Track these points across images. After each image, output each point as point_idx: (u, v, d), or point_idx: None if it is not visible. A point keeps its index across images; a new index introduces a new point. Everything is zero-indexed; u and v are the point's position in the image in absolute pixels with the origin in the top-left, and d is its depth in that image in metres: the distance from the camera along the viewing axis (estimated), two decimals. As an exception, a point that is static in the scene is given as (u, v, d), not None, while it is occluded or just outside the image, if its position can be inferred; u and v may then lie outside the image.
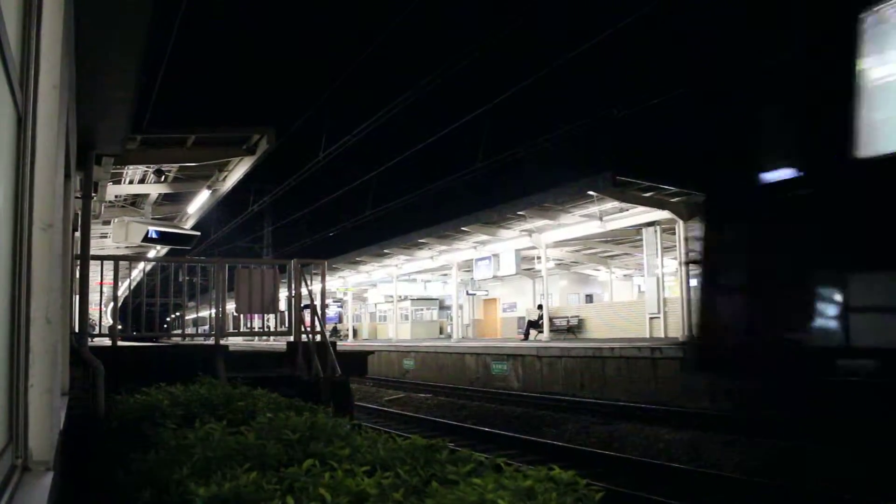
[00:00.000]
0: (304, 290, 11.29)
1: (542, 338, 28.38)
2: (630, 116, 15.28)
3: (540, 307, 30.19)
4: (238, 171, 14.19)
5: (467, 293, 45.54)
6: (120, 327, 11.43)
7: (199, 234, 19.90)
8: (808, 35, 6.43)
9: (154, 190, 15.80)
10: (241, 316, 13.39)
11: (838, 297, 5.81)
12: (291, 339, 10.94)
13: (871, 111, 5.60)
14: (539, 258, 29.88)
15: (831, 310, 5.88)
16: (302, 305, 11.33)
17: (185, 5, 9.75)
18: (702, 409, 14.50)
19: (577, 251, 35.58)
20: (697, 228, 9.57)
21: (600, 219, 24.48)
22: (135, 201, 17.45)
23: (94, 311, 22.29)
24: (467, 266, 35.91)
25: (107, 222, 17.10)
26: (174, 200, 17.75)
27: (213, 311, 11.41)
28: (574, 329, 33.04)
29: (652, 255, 26.51)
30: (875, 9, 5.73)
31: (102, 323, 27.34)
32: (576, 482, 2.96)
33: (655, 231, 25.96)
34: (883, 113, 5.61)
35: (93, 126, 7.73)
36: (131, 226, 15.91)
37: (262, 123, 12.47)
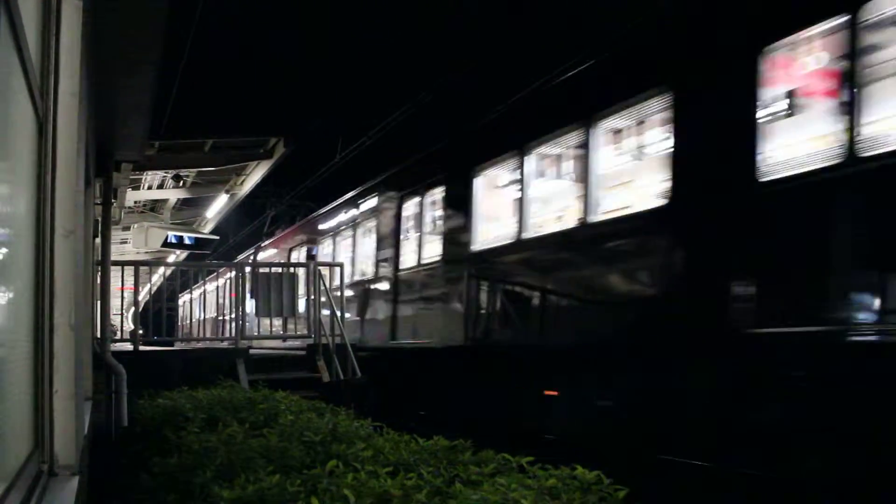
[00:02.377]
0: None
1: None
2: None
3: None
4: (256, 175, 14.25)
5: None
6: (141, 332, 11.50)
7: (217, 238, 20.02)
8: None
9: (173, 195, 15.92)
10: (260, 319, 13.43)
11: None
12: (311, 341, 10.97)
13: None
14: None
15: None
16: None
17: (202, 12, 9.81)
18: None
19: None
20: None
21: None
22: (154, 206, 17.58)
23: (115, 317, 22.48)
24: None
25: (126, 228, 17.21)
26: (193, 205, 17.87)
27: (234, 314, 11.46)
28: None
29: None
30: None
31: (124, 328, 27.56)
32: (600, 481, 2.94)
33: None
34: None
35: (112, 133, 7.78)
36: (151, 231, 16.01)
37: (278, 127, 12.52)
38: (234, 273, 11.87)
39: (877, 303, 5.10)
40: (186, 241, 16.64)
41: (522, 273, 8.89)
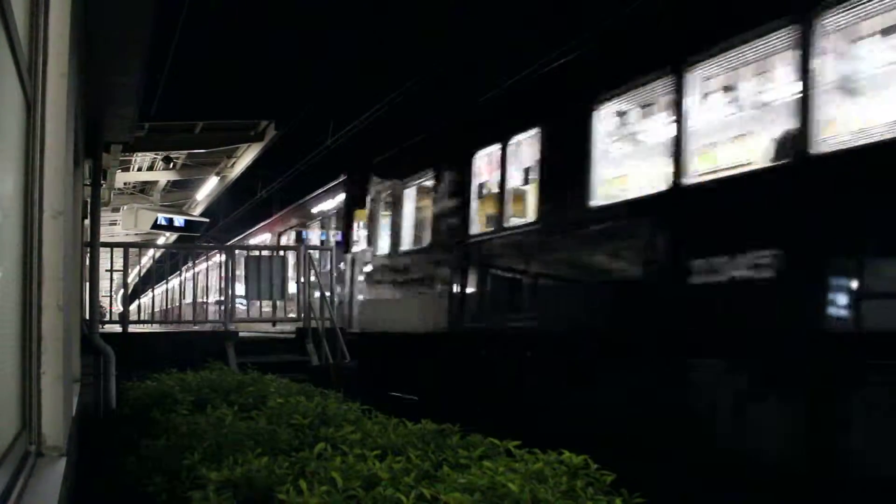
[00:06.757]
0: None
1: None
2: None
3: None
4: (246, 158, 14.21)
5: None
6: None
7: (207, 220, 19.96)
8: None
9: (163, 177, 15.84)
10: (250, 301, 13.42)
11: None
12: (301, 324, 10.97)
13: None
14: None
15: None
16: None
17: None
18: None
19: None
20: None
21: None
22: (144, 188, 17.51)
23: (104, 298, 22.38)
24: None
25: (116, 209, 17.15)
26: (183, 187, 17.80)
27: (223, 297, 11.44)
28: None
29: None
30: None
31: (113, 310, 27.46)
32: (586, 466, 2.96)
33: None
34: None
35: (101, 113, 7.73)
36: (140, 213, 15.96)
37: (269, 109, 12.49)
38: (223, 256, 11.83)
39: None
40: (176, 224, 16.60)
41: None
